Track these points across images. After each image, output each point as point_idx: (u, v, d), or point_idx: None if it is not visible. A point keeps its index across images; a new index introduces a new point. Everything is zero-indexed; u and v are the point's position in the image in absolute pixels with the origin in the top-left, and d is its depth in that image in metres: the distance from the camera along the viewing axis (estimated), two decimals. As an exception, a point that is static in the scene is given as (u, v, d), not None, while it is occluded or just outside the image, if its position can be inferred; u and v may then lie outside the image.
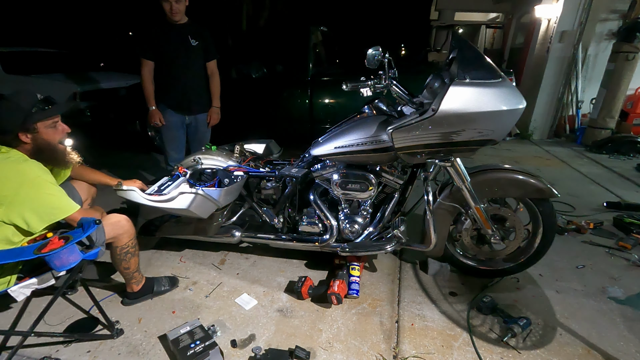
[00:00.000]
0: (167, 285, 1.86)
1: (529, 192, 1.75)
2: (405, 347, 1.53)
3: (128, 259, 1.65)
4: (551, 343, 1.55)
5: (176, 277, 1.95)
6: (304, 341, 1.55)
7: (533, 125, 5.53)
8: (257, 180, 2.07)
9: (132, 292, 1.76)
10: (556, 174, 3.76)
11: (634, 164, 4.10)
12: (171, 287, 1.87)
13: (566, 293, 1.88)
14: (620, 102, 4.77)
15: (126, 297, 1.78)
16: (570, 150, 4.83)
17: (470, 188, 1.69)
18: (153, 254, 2.23)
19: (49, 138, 1.42)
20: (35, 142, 1.39)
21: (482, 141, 1.56)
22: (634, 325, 1.66)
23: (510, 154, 4.64)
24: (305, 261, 2.15)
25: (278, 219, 2.02)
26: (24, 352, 1.45)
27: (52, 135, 1.43)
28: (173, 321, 1.66)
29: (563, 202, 2.99)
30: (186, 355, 1.36)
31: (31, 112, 1.36)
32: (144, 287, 1.78)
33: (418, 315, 1.72)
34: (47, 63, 5.25)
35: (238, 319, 1.69)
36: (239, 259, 2.18)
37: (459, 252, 1.99)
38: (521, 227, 1.84)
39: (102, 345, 1.52)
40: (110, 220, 1.56)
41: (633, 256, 2.21)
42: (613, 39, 4.84)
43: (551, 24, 5.22)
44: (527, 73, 5.85)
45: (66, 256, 1.27)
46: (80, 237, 1.29)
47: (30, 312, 1.53)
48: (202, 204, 1.82)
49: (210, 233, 2.04)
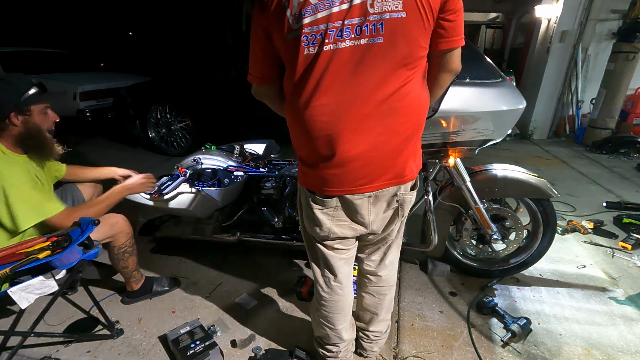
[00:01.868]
0: (167, 285, 1.86)
1: (528, 192, 1.75)
2: (405, 347, 1.53)
3: (126, 258, 1.66)
4: (551, 343, 1.55)
5: (177, 278, 1.95)
6: (304, 341, 1.55)
7: (533, 125, 5.53)
8: (257, 180, 2.07)
9: (131, 290, 1.76)
10: (556, 174, 3.76)
11: (634, 164, 4.10)
12: (171, 287, 1.87)
13: (566, 293, 1.88)
14: (620, 102, 4.77)
15: (126, 296, 1.78)
16: (570, 150, 4.83)
17: (470, 188, 1.69)
18: (153, 254, 2.23)
19: (39, 123, 1.40)
20: (26, 126, 1.37)
21: (482, 141, 1.56)
22: (634, 325, 1.66)
23: (510, 154, 4.64)
24: (305, 261, 2.16)
25: (278, 218, 2.02)
26: (24, 352, 1.46)
27: (42, 120, 1.42)
28: (173, 321, 1.66)
29: (563, 202, 3.00)
30: (186, 355, 1.36)
31: (28, 93, 1.34)
32: (143, 286, 1.78)
33: (418, 315, 1.72)
34: (47, 63, 5.25)
35: (238, 319, 1.69)
36: (239, 259, 2.18)
37: (458, 252, 1.99)
38: (521, 227, 1.84)
39: (102, 345, 1.52)
40: (107, 220, 1.56)
41: (633, 256, 2.21)
42: (613, 39, 4.84)
43: (551, 24, 5.22)
44: (527, 73, 5.85)
45: (66, 257, 1.28)
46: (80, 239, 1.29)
47: (30, 312, 1.52)
48: (202, 204, 1.82)
49: (210, 233, 2.04)
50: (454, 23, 0.89)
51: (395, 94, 0.90)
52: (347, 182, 0.99)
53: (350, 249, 1.20)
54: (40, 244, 1.29)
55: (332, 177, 0.98)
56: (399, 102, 0.91)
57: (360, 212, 1.05)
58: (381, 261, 1.28)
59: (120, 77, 5.33)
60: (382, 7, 0.82)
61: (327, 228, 1.08)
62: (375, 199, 1.04)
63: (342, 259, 1.20)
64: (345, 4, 0.83)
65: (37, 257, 1.23)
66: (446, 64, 0.98)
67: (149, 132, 4.34)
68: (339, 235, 1.10)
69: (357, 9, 0.83)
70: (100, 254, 1.43)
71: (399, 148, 0.97)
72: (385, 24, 0.83)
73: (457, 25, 0.91)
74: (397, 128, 0.94)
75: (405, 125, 0.95)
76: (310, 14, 0.84)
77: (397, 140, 0.96)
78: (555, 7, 5.08)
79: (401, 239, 1.29)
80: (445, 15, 0.88)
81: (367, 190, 1.00)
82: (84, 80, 4.77)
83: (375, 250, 1.26)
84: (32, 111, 1.37)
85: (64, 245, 1.29)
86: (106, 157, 4.23)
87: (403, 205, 1.09)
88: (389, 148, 0.96)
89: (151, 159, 4.22)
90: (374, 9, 0.82)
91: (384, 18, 0.83)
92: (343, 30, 0.84)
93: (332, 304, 1.24)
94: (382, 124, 0.92)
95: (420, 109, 0.98)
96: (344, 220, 1.08)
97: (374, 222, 1.08)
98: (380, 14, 0.83)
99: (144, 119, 4.29)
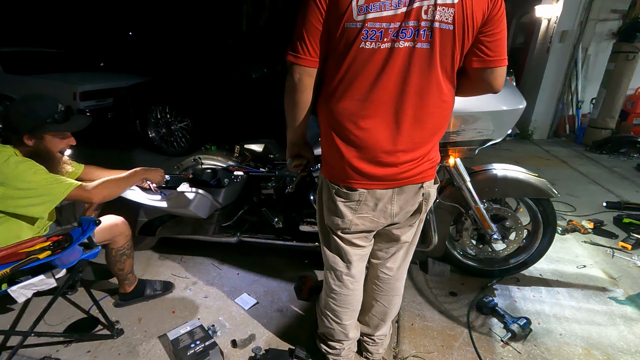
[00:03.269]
0: (160, 289, 1.83)
1: (528, 192, 1.75)
2: (405, 347, 1.53)
3: (123, 260, 1.65)
4: (551, 343, 1.55)
5: (170, 282, 1.91)
6: (304, 341, 1.54)
7: (533, 125, 5.53)
8: (257, 181, 2.07)
9: (124, 293, 1.75)
10: (556, 174, 3.76)
11: (634, 164, 4.10)
12: (164, 291, 1.84)
13: (566, 293, 1.88)
14: (620, 102, 4.77)
15: (119, 298, 1.77)
16: (570, 150, 4.83)
17: (470, 188, 1.69)
18: (153, 254, 2.23)
19: (51, 147, 1.40)
20: (36, 148, 1.37)
21: (482, 141, 1.56)
22: (634, 325, 1.66)
23: (510, 154, 4.64)
24: (306, 261, 2.16)
25: (278, 219, 2.02)
26: (24, 352, 1.45)
27: (55, 144, 1.41)
28: (173, 321, 1.66)
29: (563, 202, 3.00)
30: (186, 355, 1.36)
31: (45, 122, 1.34)
32: (136, 289, 1.77)
33: (418, 315, 1.72)
34: (47, 63, 5.25)
35: (238, 319, 1.69)
36: (238, 259, 2.18)
37: (459, 252, 1.99)
38: (521, 227, 1.84)
39: (102, 345, 1.52)
40: (107, 222, 1.56)
41: (633, 256, 2.21)
42: (613, 39, 4.84)
43: (551, 24, 5.21)
44: (527, 73, 5.85)
45: (66, 256, 1.28)
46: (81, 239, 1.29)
47: (30, 312, 1.53)
48: (202, 204, 1.82)
49: (210, 233, 2.04)
50: (492, 44, 0.91)
51: (433, 100, 0.94)
52: None
53: (366, 246, 1.22)
54: (40, 244, 1.29)
55: (369, 170, 1.01)
56: (434, 109, 0.95)
57: (385, 204, 1.07)
58: (398, 269, 1.28)
59: (120, 77, 5.33)
60: (433, 15, 0.85)
61: (348, 220, 1.10)
62: (400, 191, 1.06)
63: (358, 254, 1.21)
64: (405, 7, 0.85)
65: (38, 257, 1.23)
66: (482, 81, 0.98)
67: (149, 132, 4.34)
68: (360, 227, 1.12)
69: (414, 13, 0.85)
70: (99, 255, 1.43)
71: (426, 148, 1.02)
72: (435, 32, 0.86)
73: (497, 46, 0.92)
74: (428, 131, 0.98)
75: (434, 129, 1.00)
76: (377, 10, 0.86)
77: (424, 140, 1.00)
78: (555, 7, 5.08)
79: (414, 247, 1.29)
80: (484, 35, 0.90)
81: (392, 185, 1.04)
82: (84, 80, 4.77)
83: (391, 255, 1.26)
84: (45, 137, 1.37)
85: (65, 246, 1.29)
86: (106, 157, 4.23)
87: (428, 199, 1.12)
88: (417, 147, 1.00)
89: (151, 159, 4.21)
90: (427, 15, 0.85)
91: (434, 27, 0.86)
92: (399, 31, 0.87)
93: (342, 297, 1.25)
94: (416, 125, 0.96)
95: (450, 113, 1.03)
96: (367, 212, 1.09)
97: (397, 214, 1.10)
98: (431, 22, 0.85)
99: (144, 119, 4.29)
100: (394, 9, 0.86)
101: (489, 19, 0.88)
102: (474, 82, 1.00)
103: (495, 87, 0.98)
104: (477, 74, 0.97)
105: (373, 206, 1.07)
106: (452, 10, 0.84)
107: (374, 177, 1.01)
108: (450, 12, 0.85)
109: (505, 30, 0.91)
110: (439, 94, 0.94)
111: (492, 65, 0.93)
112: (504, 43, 0.92)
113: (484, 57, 0.93)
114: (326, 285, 1.29)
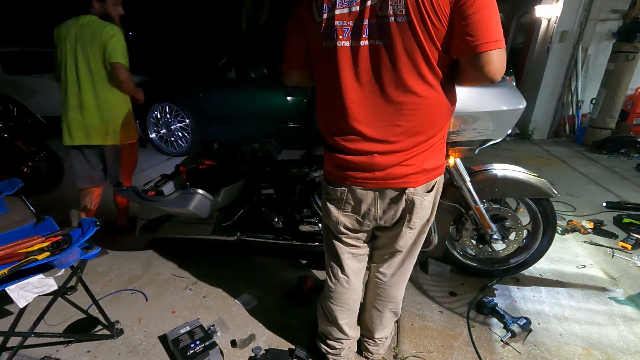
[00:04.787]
0: None
1: (528, 192, 1.75)
2: (405, 347, 1.53)
3: None
4: (551, 343, 1.55)
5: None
6: (304, 341, 1.54)
7: (533, 125, 5.53)
8: (257, 180, 2.07)
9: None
10: (556, 174, 3.76)
11: (634, 164, 4.10)
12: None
13: (566, 293, 1.88)
14: (620, 102, 4.77)
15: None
16: (570, 150, 4.83)
17: (470, 188, 1.69)
18: (153, 254, 2.23)
19: (111, 12, 1.96)
20: (103, 10, 1.93)
21: (482, 141, 1.56)
22: (634, 325, 1.66)
23: (510, 154, 4.64)
24: (306, 261, 2.16)
25: (278, 218, 2.02)
26: (24, 353, 1.45)
27: (113, 10, 1.97)
28: (173, 321, 1.66)
29: (563, 202, 3.00)
30: (186, 355, 1.36)
31: None
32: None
33: (418, 315, 1.72)
34: (47, 63, 5.25)
35: (238, 319, 1.69)
36: (239, 259, 2.18)
37: (459, 252, 1.99)
38: (521, 227, 1.84)
39: (102, 345, 1.52)
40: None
41: (633, 256, 2.21)
42: (613, 39, 4.84)
43: (551, 24, 5.22)
44: (527, 73, 5.85)
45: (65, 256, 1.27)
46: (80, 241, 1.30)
47: (30, 312, 1.52)
48: (202, 204, 1.82)
49: (210, 233, 2.04)
50: (470, 27, 0.81)
51: (404, 96, 0.91)
52: None
53: (360, 246, 1.22)
54: (39, 244, 1.28)
55: (342, 163, 1.03)
56: (408, 105, 0.92)
57: (369, 206, 1.07)
58: (392, 275, 1.27)
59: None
60: (386, 11, 0.84)
61: (335, 217, 1.14)
62: (382, 194, 1.05)
63: (351, 253, 1.22)
64: (358, 6, 0.86)
65: (36, 259, 1.23)
66: (470, 68, 0.88)
67: (149, 132, 4.34)
68: (349, 226, 1.14)
69: (368, 11, 0.86)
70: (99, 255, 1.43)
71: (404, 145, 0.97)
72: (391, 27, 0.85)
73: (475, 29, 0.81)
74: (403, 128, 0.95)
75: (415, 128, 0.95)
76: (332, 8, 0.89)
77: (399, 138, 0.96)
78: (555, 7, 5.08)
79: (414, 259, 1.26)
80: (460, 19, 0.82)
81: (372, 185, 1.03)
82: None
83: (384, 260, 1.25)
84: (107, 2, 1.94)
85: (64, 247, 1.29)
86: (106, 157, 4.23)
87: (413, 207, 1.05)
88: (391, 142, 0.97)
89: (151, 159, 4.21)
90: (381, 11, 0.85)
91: (390, 21, 0.85)
92: (355, 29, 0.88)
93: (338, 295, 1.27)
94: (386, 121, 0.95)
95: (437, 113, 0.96)
96: (351, 212, 1.11)
97: (381, 217, 1.10)
98: (386, 17, 0.85)
99: (144, 119, 4.29)
100: (347, 6, 0.88)
101: None
102: (465, 70, 0.90)
103: (488, 76, 0.85)
104: (465, 62, 0.88)
105: (357, 206, 1.09)
106: (404, 1, 0.82)
107: (349, 166, 1.02)
108: (402, 3, 0.82)
109: (485, 9, 0.80)
110: (412, 89, 0.90)
111: (477, 51, 0.82)
112: (486, 24, 0.80)
113: (466, 42, 0.83)
114: (325, 283, 1.31)
